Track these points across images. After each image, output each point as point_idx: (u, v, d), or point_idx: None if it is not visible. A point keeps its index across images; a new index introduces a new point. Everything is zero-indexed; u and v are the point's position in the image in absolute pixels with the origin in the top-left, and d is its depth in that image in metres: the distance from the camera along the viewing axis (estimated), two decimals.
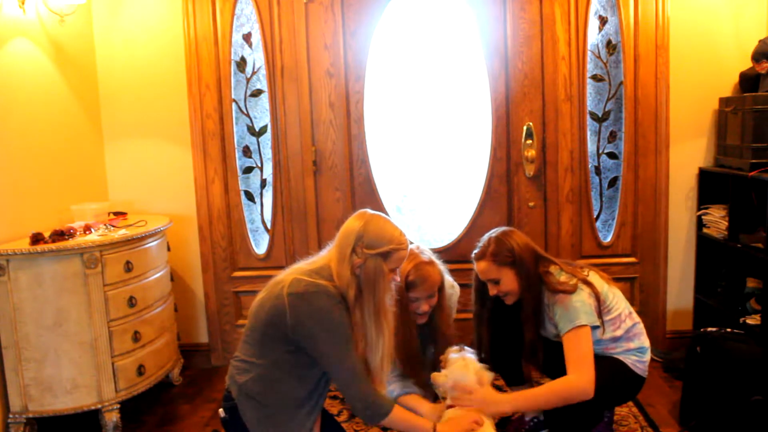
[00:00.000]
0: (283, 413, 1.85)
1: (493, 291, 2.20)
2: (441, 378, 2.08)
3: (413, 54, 3.24)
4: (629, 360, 2.15)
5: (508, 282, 2.15)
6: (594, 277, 2.17)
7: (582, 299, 2.06)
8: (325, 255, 1.93)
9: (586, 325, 2.04)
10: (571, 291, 2.07)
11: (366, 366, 1.87)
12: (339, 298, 1.82)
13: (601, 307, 2.11)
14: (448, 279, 2.41)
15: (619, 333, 2.14)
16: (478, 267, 2.20)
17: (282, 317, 1.79)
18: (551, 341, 2.20)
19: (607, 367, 2.11)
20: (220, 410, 1.93)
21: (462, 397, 2.05)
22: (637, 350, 2.15)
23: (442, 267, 2.36)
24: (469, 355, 2.16)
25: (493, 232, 2.23)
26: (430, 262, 2.31)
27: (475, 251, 2.22)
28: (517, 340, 2.28)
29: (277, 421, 1.85)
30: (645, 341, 2.19)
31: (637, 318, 2.21)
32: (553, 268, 2.16)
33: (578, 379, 2.01)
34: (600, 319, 2.09)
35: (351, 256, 1.84)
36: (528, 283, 2.14)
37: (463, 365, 2.10)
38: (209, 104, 3.19)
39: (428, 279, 2.27)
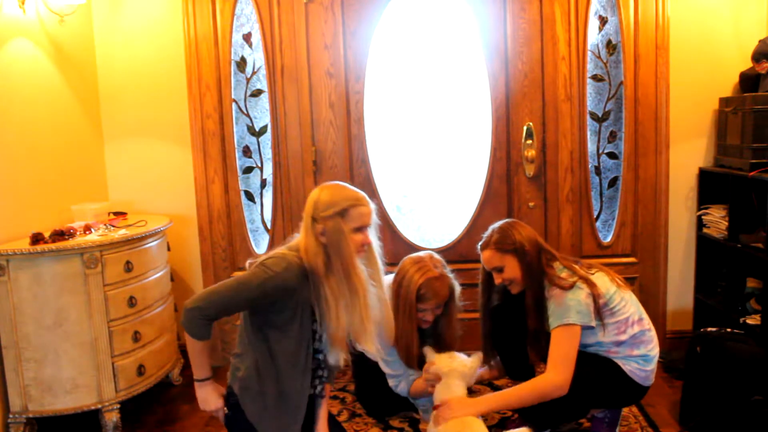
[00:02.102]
0: (279, 400, 1.89)
1: (497, 280, 2.24)
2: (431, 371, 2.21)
3: (413, 54, 3.24)
4: (628, 366, 2.14)
5: (511, 270, 2.19)
6: (601, 278, 2.17)
7: (578, 298, 2.06)
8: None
9: (575, 324, 2.04)
10: (568, 288, 2.08)
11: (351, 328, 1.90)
12: (297, 271, 1.84)
13: (602, 309, 2.10)
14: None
15: (623, 338, 2.13)
16: (483, 256, 2.25)
17: None
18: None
19: (597, 366, 2.11)
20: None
21: (439, 412, 2.10)
22: (640, 357, 2.13)
23: (451, 276, 2.42)
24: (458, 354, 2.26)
25: (498, 223, 2.28)
26: (441, 277, 2.38)
27: (481, 242, 2.27)
28: (521, 334, 2.30)
29: (274, 413, 1.89)
30: (652, 350, 2.18)
31: (648, 325, 2.19)
32: (555, 264, 2.18)
33: (553, 378, 2.04)
34: (600, 320, 2.09)
35: (313, 225, 1.88)
36: (531, 272, 2.16)
37: (448, 358, 2.22)
38: (209, 104, 3.19)
39: (437, 295, 2.36)
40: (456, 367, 2.20)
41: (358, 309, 1.88)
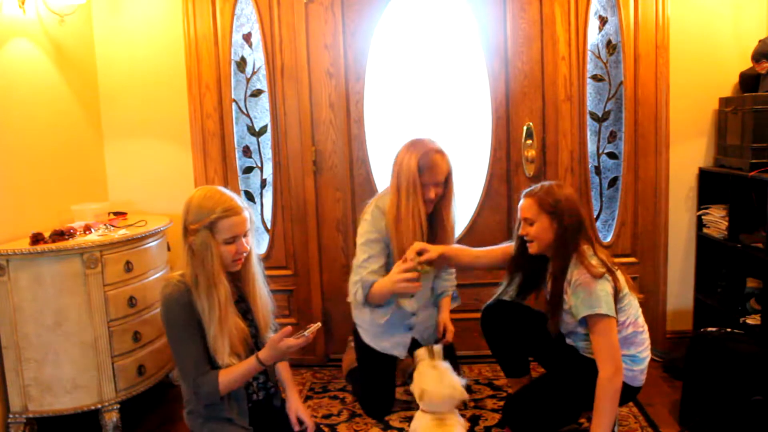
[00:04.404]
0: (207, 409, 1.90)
1: (523, 231, 2.19)
2: (416, 390, 2.13)
3: (413, 54, 3.24)
4: None
5: (539, 229, 2.14)
6: (620, 275, 2.17)
7: (605, 289, 2.06)
8: None
9: (608, 316, 2.04)
10: (598, 276, 2.06)
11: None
12: (178, 289, 1.84)
13: (616, 304, 2.11)
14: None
15: None
16: (522, 203, 2.20)
17: None
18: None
19: (583, 369, 2.11)
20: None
21: None
22: (628, 357, 2.12)
23: (451, 161, 2.43)
24: (442, 363, 2.18)
25: (553, 182, 2.22)
26: (440, 152, 2.39)
27: (528, 189, 2.22)
28: (515, 334, 2.33)
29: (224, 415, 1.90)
30: (643, 352, 2.18)
31: (642, 327, 2.19)
32: (587, 248, 2.14)
33: (603, 374, 2.03)
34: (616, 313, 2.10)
35: (185, 235, 1.86)
36: (559, 241, 2.12)
37: (436, 376, 2.12)
38: (209, 104, 3.19)
39: (435, 166, 2.35)
40: (448, 396, 2.11)
41: (213, 326, 1.83)
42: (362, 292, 2.43)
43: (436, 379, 2.10)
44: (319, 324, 1.89)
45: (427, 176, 2.34)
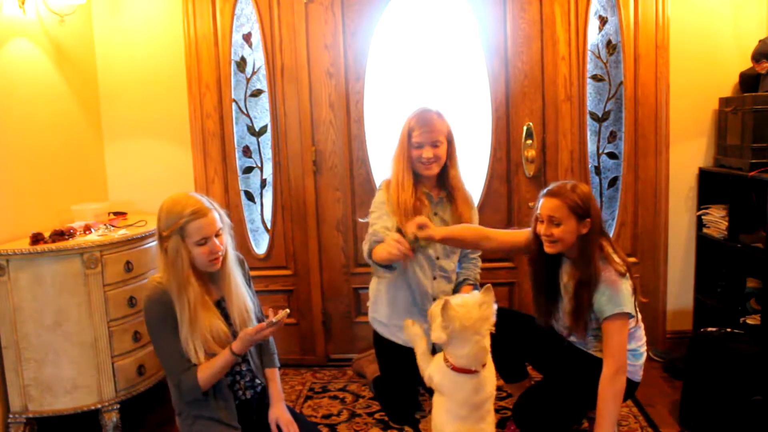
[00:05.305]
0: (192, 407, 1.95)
1: (547, 230, 2.10)
2: (441, 336, 1.94)
3: (413, 54, 3.24)
4: None
5: (566, 230, 2.08)
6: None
7: (628, 288, 2.07)
8: None
9: (627, 314, 2.04)
10: (623, 274, 2.06)
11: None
12: (157, 290, 1.90)
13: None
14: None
15: None
16: (548, 202, 2.10)
17: None
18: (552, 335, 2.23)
19: (591, 371, 2.11)
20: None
21: None
22: (631, 352, 2.13)
23: (451, 124, 2.44)
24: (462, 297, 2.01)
25: (576, 183, 2.13)
26: (436, 113, 2.40)
27: (550, 187, 2.13)
28: (513, 339, 2.31)
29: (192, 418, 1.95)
30: (642, 347, 2.19)
31: (640, 323, 2.21)
32: (607, 244, 2.13)
33: (606, 371, 2.03)
34: (636, 310, 2.10)
35: (160, 241, 1.92)
36: (585, 244, 2.08)
37: (464, 307, 1.92)
38: (209, 104, 3.19)
39: (428, 123, 2.36)
40: (477, 316, 1.93)
41: (184, 328, 1.88)
42: (368, 246, 2.35)
43: (461, 303, 1.93)
44: (287, 311, 1.91)
45: (419, 134, 2.33)
